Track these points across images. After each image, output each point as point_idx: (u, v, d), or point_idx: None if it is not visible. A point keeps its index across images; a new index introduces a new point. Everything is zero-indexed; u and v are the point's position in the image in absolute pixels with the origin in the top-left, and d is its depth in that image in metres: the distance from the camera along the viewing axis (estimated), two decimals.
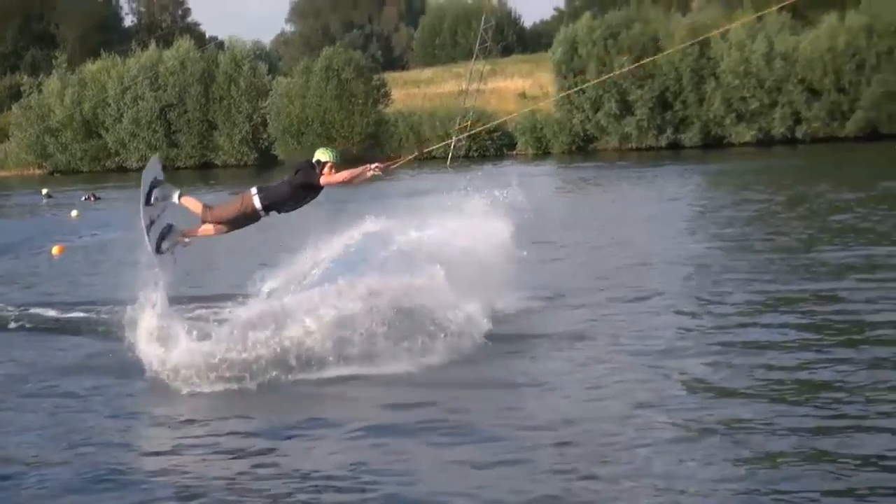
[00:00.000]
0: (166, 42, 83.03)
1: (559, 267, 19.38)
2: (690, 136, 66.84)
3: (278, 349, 12.07)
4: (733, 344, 12.97)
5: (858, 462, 8.77)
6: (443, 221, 15.07)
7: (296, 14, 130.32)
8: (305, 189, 12.22)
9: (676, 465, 8.92)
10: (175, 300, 13.08)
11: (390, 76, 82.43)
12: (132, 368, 12.17)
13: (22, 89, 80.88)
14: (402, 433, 10.17)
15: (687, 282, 17.54)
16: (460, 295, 13.04)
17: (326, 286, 12.86)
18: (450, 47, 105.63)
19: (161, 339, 12.06)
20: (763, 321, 14.24)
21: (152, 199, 12.59)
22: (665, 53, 54.99)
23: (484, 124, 56.32)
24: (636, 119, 66.84)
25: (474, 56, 72.40)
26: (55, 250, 25.91)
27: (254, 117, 75.18)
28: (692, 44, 56.10)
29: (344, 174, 12.10)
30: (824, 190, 32.69)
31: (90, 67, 79.29)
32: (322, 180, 12.05)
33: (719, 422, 9.92)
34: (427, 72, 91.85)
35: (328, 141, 67.40)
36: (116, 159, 77.69)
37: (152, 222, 12.59)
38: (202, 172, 70.58)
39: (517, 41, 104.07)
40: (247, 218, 12.45)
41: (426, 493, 8.66)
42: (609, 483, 8.62)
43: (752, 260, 19.38)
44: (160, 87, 76.49)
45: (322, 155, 12.12)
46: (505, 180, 16.07)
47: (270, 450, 9.88)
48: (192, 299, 16.27)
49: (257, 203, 12.23)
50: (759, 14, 52.63)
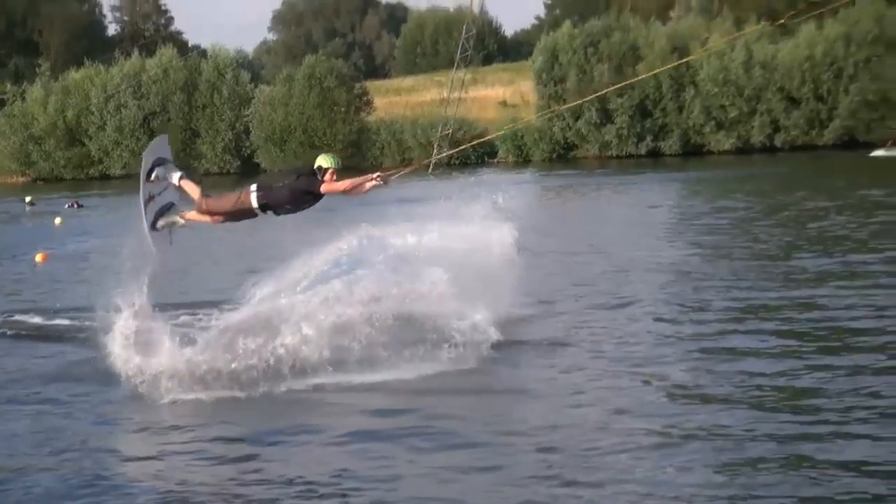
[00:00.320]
0: (149, 50, 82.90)
1: (539, 274, 19.40)
2: (670, 145, 67.08)
3: (268, 356, 12.02)
4: (713, 351, 13.04)
5: (837, 468, 8.83)
6: (442, 227, 14.81)
7: (278, 22, 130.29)
8: (305, 195, 12.09)
9: (657, 472, 8.98)
10: (161, 307, 13.07)
11: (372, 84, 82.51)
12: (115, 375, 12.11)
13: (5, 97, 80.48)
14: (385, 440, 10.21)
15: (667, 289, 17.62)
16: (464, 302, 12.93)
17: (322, 290, 12.78)
18: (431, 56, 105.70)
19: (141, 346, 11.97)
20: (742, 328, 14.30)
21: (153, 176, 12.51)
22: (669, 66, 55.01)
23: (468, 133, 56.27)
24: (616, 127, 67.07)
25: (455, 64, 72.53)
26: (38, 258, 25.84)
27: (236, 125, 75.08)
28: (694, 57, 56.34)
29: (345, 183, 11.98)
30: (802, 198, 32.85)
31: (73, 76, 79.10)
32: (323, 188, 11.91)
33: (699, 428, 9.98)
34: (409, 80, 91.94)
35: (310, 149, 67.51)
36: (100, 167, 77.48)
37: (151, 197, 12.53)
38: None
39: (498, 50, 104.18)
40: (242, 213, 12.33)
41: (409, 499, 8.72)
42: (591, 489, 8.68)
43: (732, 267, 19.46)
44: (143, 96, 76.36)
45: (324, 161, 11.99)
46: (493, 187, 15.96)
47: (254, 456, 9.90)
48: (179, 305, 16.26)
49: (254, 201, 12.10)
50: (763, 27, 52.84)
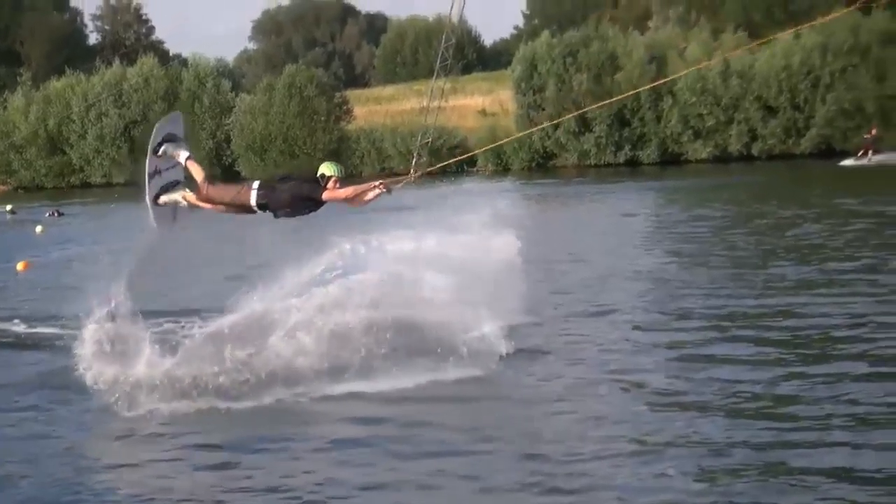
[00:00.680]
0: (130, 59, 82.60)
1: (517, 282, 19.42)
2: (648, 153, 67.20)
3: (258, 366, 12.02)
4: (692, 358, 13.14)
5: (816, 475, 8.92)
6: (440, 234, 14.29)
7: (259, 32, 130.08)
8: (306, 201, 11.98)
9: (637, 479, 9.07)
10: (145, 314, 12.98)
11: (352, 93, 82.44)
12: (92, 384, 12.02)
13: None
14: (368, 448, 10.26)
15: (645, 297, 17.71)
16: (469, 309, 12.90)
17: (318, 294, 12.75)
18: (411, 65, 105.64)
19: (117, 355, 11.94)
20: (721, 336, 14.40)
21: (160, 151, 12.49)
22: (671, 78, 55.21)
23: (447, 142, 56.14)
24: (595, 136, 67.11)
25: (435, 74, 72.56)
26: (20, 266, 25.75)
27: (217, 134, 74.87)
28: (698, 68, 56.58)
29: (348, 190, 11.89)
30: (779, 206, 32.89)
31: (55, 84, 78.71)
32: (325, 195, 11.81)
33: (679, 435, 10.07)
34: (389, 89, 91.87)
35: (290, 158, 67.46)
36: (81, 175, 77.14)
37: (158, 172, 12.50)
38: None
39: (477, 59, 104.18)
40: (240, 208, 12.22)
41: None
42: (572, 496, 8.78)
43: (710, 275, 19.55)
44: (124, 104, 76.13)
45: (326, 169, 11.90)
46: (490, 195, 15.64)
47: (238, 464, 9.95)
48: (164, 313, 16.24)
49: (253, 199, 11.98)
50: (755, 44, 53.11)
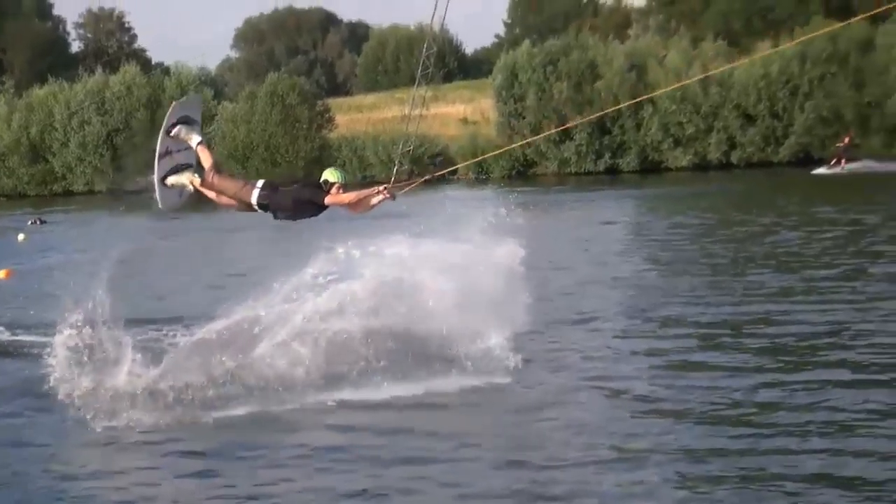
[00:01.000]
0: (113, 67, 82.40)
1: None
2: (628, 161, 67.39)
3: (247, 375, 12.13)
4: (672, 366, 13.25)
5: (797, 482, 9.03)
6: (439, 241, 14.49)
7: (241, 40, 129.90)
8: (307, 205, 12.00)
9: (617, 486, 9.16)
10: (129, 322, 13.06)
11: (334, 102, 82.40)
12: (74, 392, 12.05)
13: None
14: (350, 455, 10.34)
15: (625, 305, 17.80)
16: (472, 317, 12.96)
17: (311, 302, 12.78)
18: (392, 73, 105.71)
19: (98, 363, 12.00)
20: (701, 343, 14.51)
21: (173, 132, 12.55)
22: (671, 88, 55.34)
23: (428, 150, 56.13)
24: (575, 144, 67.25)
25: (416, 82, 72.44)
26: (2, 274, 25.63)
27: None
28: (700, 78, 56.79)
29: (351, 195, 11.90)
30: (758, 214, 33.05)
31: (37, 92, 78.34)
32: (328, 200, 11.79)
33: (659, 443, 10.17)
34: (370, 97, 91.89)
35: (272, 165, 67.41)
36: (63, 183, 76.79)
37: (168, 152, 12.56)
38: (150, 195, 69.21)
39: (459, 67, 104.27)
40: (241, 203, 12.21)
41: None
42: (553, 503, 8.88)
43: (690, 283, 19.66)
44: (107, 112, 75.90)
45: (330, 175, 11.90)
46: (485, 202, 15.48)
47: (218, 472, 10.02)
48: (148, 321, 16.28)
49: (254, 197, 12.01)
50: (746, 59, 53.36)
